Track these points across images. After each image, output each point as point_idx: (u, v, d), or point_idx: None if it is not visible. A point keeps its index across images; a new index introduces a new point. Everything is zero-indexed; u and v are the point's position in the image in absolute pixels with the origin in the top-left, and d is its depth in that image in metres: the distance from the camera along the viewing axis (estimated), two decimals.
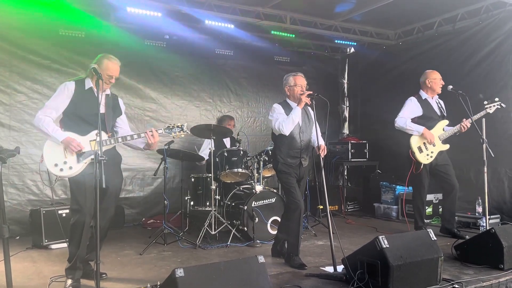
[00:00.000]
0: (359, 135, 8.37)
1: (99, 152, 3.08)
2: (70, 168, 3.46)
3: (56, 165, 3.44)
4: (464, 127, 5.02)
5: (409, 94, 5.55)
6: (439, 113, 5.27)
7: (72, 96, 3.54)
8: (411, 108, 5.22)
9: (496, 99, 5.09)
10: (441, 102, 5.37)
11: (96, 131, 3.42)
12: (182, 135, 3.87)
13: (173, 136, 3.84)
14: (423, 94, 5.28)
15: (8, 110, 5.66)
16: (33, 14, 5.63)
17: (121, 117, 3.89)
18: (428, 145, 5.12)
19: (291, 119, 4.07)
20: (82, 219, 3.44)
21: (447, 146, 5.23)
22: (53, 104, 3.54)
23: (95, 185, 3.00)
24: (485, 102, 5.08)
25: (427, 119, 5.18)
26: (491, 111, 5.08)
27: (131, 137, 3.67)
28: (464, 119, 5.01)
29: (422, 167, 5.12)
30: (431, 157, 5.13)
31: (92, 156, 3.39)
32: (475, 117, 4.98)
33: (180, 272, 2.50)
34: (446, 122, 5.25)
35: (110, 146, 3.61)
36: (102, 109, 3.60)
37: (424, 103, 5.23)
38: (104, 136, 3.57)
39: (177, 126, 3.82)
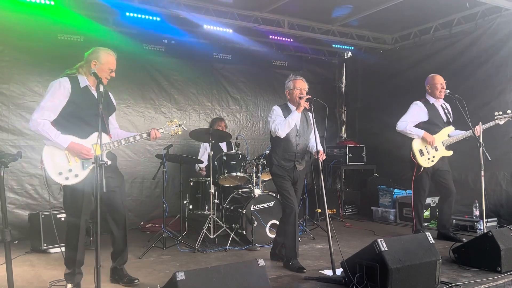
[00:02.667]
0: (356, 139, 8.40)
1: (101, 156, 2.99)
2: (76, 176, 3.29)
3: (60, 173, 3.25)
4: (476, 132, 4.94)
5: (406, 97, 5.59)
6: (445, 119, 5.26)
7: (70, 95, 3.32)
8: (415, 113, 5.22)
9: (509, 111, 5.08)
10: (448, 105, 5.36)
11: (97, 133, 3.36)
12: (180, 132, 3.83)
13: (172, 134, 3.81)
14: (430, 99, 5.27)
15: (7, 114, 5.66)
16: (32, 19, 5.64)
17: (113, 114, 3.75)
18: (430, 149, 5.13)
19: (288, 123, 4.09)
20: (77, 223, 3.37)
21: (450, 153, 5.23)
22: (49, 104, 3.28)
23: (95, 190, 2.91)
24: (496, 113, 5.10)
25: (432, 125, 5.18)
26: (501, 123, 5.09)
27: (134, 138, 3.58)
28: (478, 126, 4.97)
29: (422, 170, 5.13)
30: (432, 161, 5.14)
31: (105, 162, 3.23)
32: (484, 126, 4.99)
33: (181, 276, 2.51)
34: (451, 128, 5.25)
35: (114, 148, 3.51)
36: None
37: (431, 108, 5.22)
38: (106, 138, 3.46)
39: (175, 123, 3.82)
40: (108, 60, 3.48)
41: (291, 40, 7.45)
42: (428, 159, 5.14)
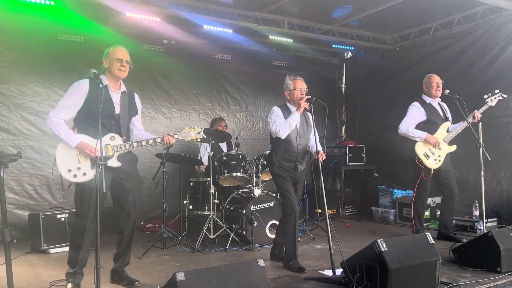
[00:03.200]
0: (356, 139, 8.40)
1: (101, 157, 3.00)
2: (84, 174, 3.35)
3: (69, 170, 3.32)
4: (477, 117, 4.98)
5: (406, 98, 5.59)
6: (443, 117, 5.26)
7: (87, 96, 3.37)
8: (414, 114, 5.22)
9: (496, 90, 5.07)
10: (445, 105, 5.37)
11: (111, 135, 3.43)
12: (198, 139, 3.72)
13: (189, 140, 3.70)
14: (427, 98, 5.28)
15: (7, 114, 5.66)
16: (32, 19, 5.64)
17: (136, 116, 3.73)
18: (434, 150, 5.12)
19: (288, 124, 4.09)
20: (83, 223, 3.39)
21: (454, 148, 5.21)
22: (66, 104, 3.38)
23: (96, 190, 2.92)
24: (485, 96, 5.09)
25: (432, 124, 5.18)
26: (493, 104, 5.08)
27: (147, 142, 3.54)
28: (475, 111, 5.00)
29: (432, 172, 5.10)
30: (439, 161, 5.12)
31: (105, 162, 3.22)
32: (480, 111, 5.00)
33: (180, 276, 2.51)
34: (448, 124, 5.24)
35: (126, 150, 3.49)
36: (117, 109, 3.51)
37: (428, 107, 5.23)
38: (119, 139, 3.49)
39: (194, 130, 3.70)
40: (114, 52, 3.51)
41: (291, 40, 7.45)
42: (435, 159, 5.12)
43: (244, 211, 5.07)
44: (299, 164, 4.27)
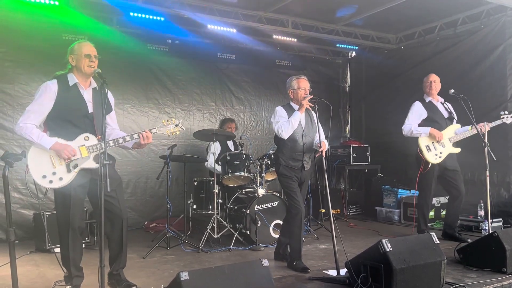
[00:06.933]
0: (360, 138, 8.38)
1: (105, 156, 2.91)
2: (61, 179, 3.17)
3: (44, 176, 3.16)
4: (483, 130, 4.90)
5: (410, 97, 5.58)
6: (446, 115, 5.25)
7: (56, 97, 3.22)
8: (416, 113, 5.24)
9: None
10: (449, 105, 5.34)
11: (84, 135, 3.27)
12: (177, 132, 3.59)
13: (168, 134, 3.57)
14: (426, 98, 5.31)
15: (12, 114, 5.68)
16: (36, 19, 5.67)
17: (110, 114, 3.52)
18: (437, 145, 5.11)
19: (291, 124, 4.08)
20: (66, 226, 3.27)
21: (458, 150, 5.19)
22: (34, 108, 3.23)
23: (99, 189, 2.86)
24: (502, 113, 5.09)
25: (433, 122, 5.18)
26: (508, 122, 5.08)
27: (123, 139, 3.35)
28: (486, 123, 4.96)
29: (430, 166, 5.10)
30: (439, 157, 5.11)
31: (83, 166, 3.20)
32: (491, 124, 4.99)
33: (185, 276, 2.50)
34: (457, 126, 5.23)
35: (102, 150, 3.16)
36: (90, 108, 3.33)
37: (429, 106, 5.25)
38: (94, 139, 3.29)
39: (172, 123, 3.57)
40: (81, 48, 3.33)
41: (295, 40, 7.44)
42: (436, 155, 5.11)
43: (248, 210, 5.06)
44: (305, 163, 4.26)
